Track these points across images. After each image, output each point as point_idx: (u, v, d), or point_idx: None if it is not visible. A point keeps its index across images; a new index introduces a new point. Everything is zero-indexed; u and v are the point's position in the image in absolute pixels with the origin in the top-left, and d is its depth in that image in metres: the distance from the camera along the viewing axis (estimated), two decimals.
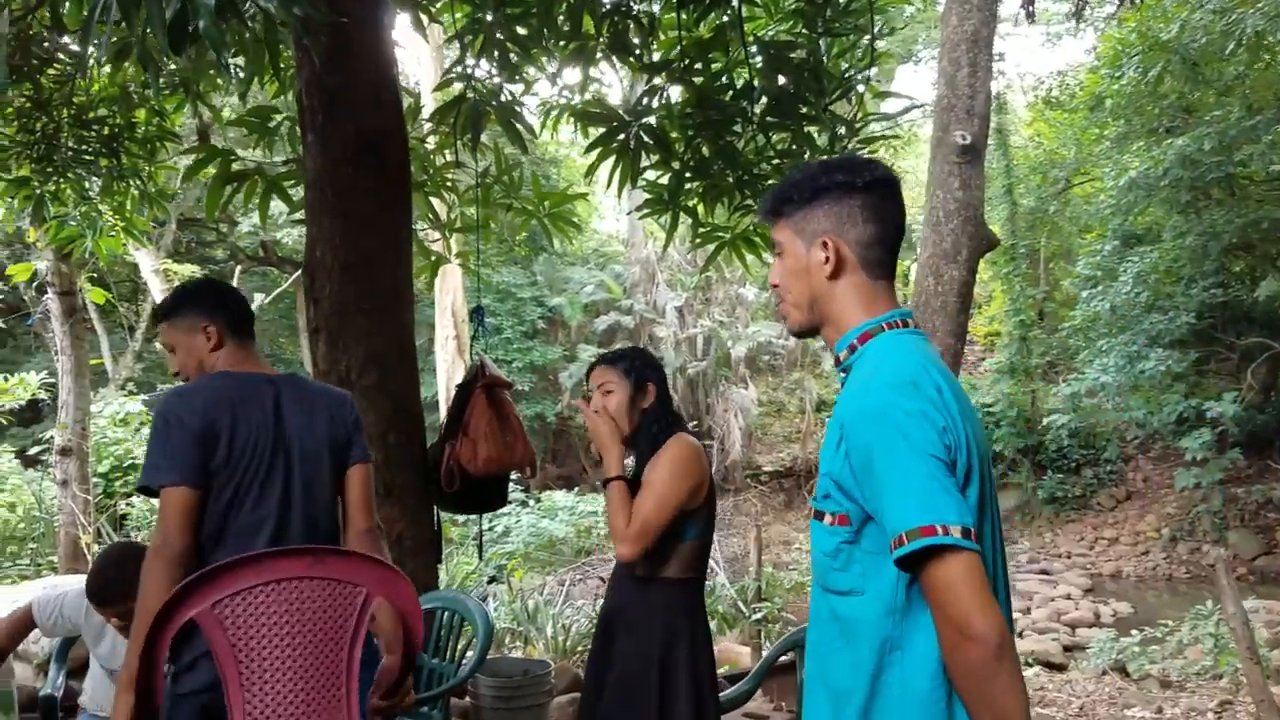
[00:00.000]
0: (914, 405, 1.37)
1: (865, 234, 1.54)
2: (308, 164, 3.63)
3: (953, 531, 1.29)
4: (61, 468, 8.29)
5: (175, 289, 2.42)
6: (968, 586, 1.29)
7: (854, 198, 1.54)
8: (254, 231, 14.12)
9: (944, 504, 1.31)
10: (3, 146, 5.26)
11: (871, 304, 1.55)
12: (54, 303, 8.31)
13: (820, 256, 1.54)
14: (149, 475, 2.13)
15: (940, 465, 1.34)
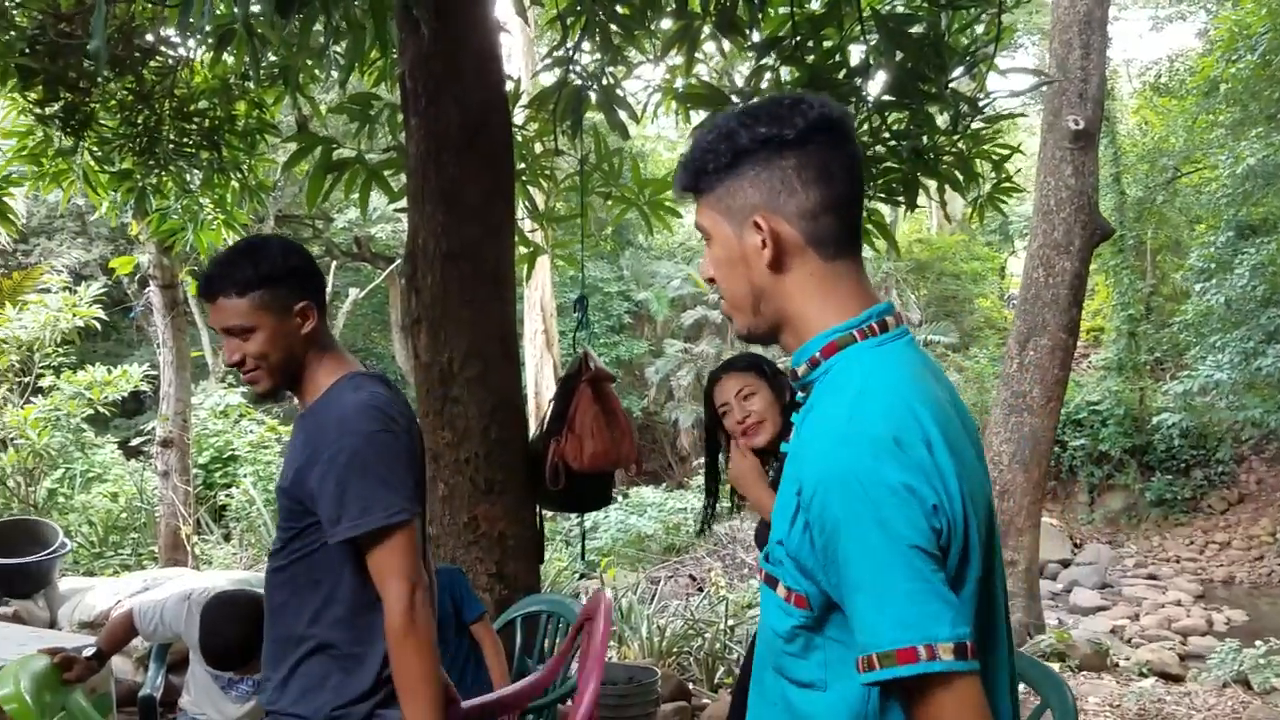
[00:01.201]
0: (897, 477, 1.01)
1: (808, 201, 1.13)
2: (410, 149, 3.53)
3: (942, 654, 0.98)
4: (162, 459, 8.44)
5: (237, 249, 1.86)
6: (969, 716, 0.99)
7: (785, 156, 1.13)
8: (348, 227, 14.30)
9: (931, 615, 0.99)
10: (106, 139, 5.32)
11: (835, 297, 1.15)
12: (156, 296, 8.45)
13: (754, 241, 1.14)
14: (384, 508, 1.69)
15: (927, 561, 1.00)
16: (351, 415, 1.75)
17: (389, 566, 1.71)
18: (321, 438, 1.75)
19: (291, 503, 1.79)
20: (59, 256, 12.61)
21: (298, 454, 1.80)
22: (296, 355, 1.82)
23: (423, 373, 3.44)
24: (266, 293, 1.78)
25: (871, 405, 1.07)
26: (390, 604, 1.71)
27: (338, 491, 1.70)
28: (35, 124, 5.21)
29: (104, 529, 8.55)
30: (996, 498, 8.33)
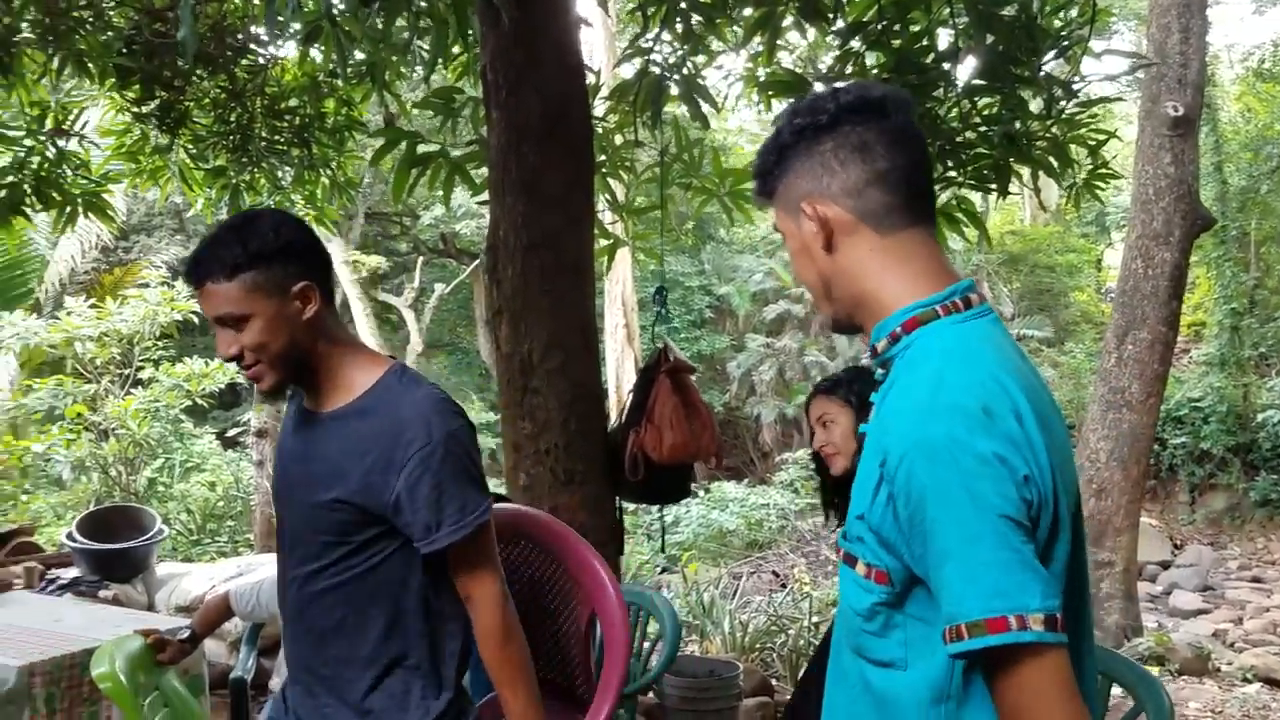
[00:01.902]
0: (986, 446, 1.00)
1: (849, 179, 1.15)
2: (491, 141, 3.55)
3: (1032, 624, 0.96)
4: (257, 449, 8.68)
5: (224, 226, 1.66)
6: (1055, 694, 0.97)
7: (822, 141, 1.16)
8: (434, 224, 14.53)
9: (1021, 585, 0.97)
10: (200, 137, 5.47)
11: (905, 273, 1.15)
12: None
13: (810, 228, 1.17)
14: (477, 505, 1.64)
15: (1018, 532, 0.98)
16: (432, 413, 1.61)
17: (482, 565, 1.65)
18: (398, 439, 1.59)
19: (353, 514, 1.62)
20: (158, 253, 13.07)
21: (357, 459, 1.61)
22: (300, 344, 1.63)
23: (504, 364, 3.45)
24: (259, 273, 1.58)
25: (957, 377, 1.06)
26: (486, 602, 1.64)
27: (434, 495, 1.58)
28: (132, 122, 5.38)
29: (202, 517, 8.84)
30: (1093, 496, 8.08)
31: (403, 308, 12.47)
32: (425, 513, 1.58)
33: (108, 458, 8.59)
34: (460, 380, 15.70)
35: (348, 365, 1.67)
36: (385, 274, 14.41)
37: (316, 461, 1.67)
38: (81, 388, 8.78)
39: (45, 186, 5.12)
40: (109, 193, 5.70)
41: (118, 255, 13.05)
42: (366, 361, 1.68)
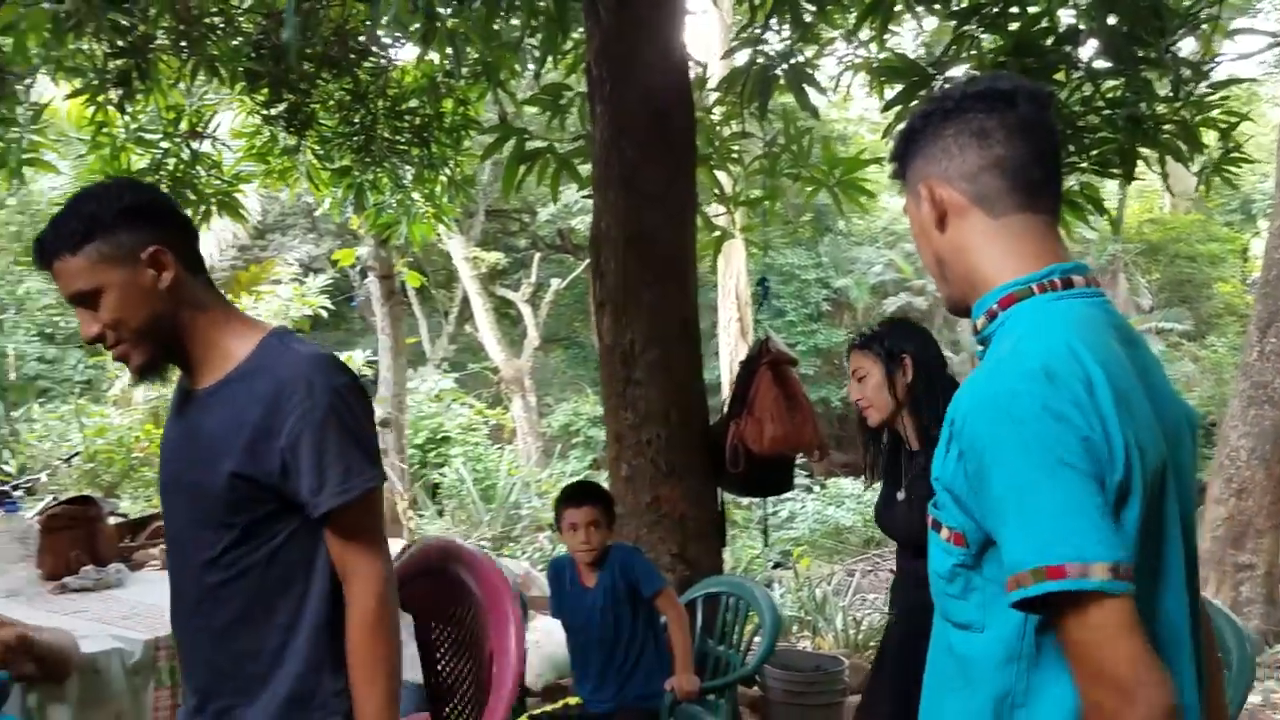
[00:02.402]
0: (1047, 401, 1.01)
1: (965, 163, 1.19)
2: (595, 135, 3.59)
3: (1095, 572, 0.95)
4: (381, 438, 8.99)
5: (67, 202, 1.52)
6: (1122, 641, 0.96)
7: (946, 126, 1.21)
8: (552, 220, 14.75)
9: (1084, 532, 0.96)
10: (326, 138, 5.68)
11: (1012, 254, 1.18)
12: (374, 285, 9.02)
13: (925, 209, 1.22)
14: (363, 470, 1.50)
15: (1082, 481, 0.98)
16: (311, 368, 1.47)
17: (364, 539, 1.49)
18: (279, 401, 1.45)
19: (245, 489, 1.47)
20: (291, 251, 13.65)
21: (240, 430, 1.47)
22: (163, 315, 1.49)
23: (606, 355, 3.49)
24: (102, 243, 1.45)
25: (1030, 344, 1.08)
26: (363, 581, 1.48)
27: (315, 456, 1.43)
28: (261, 124, 5.62)
29: None
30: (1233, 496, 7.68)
31: (520, 303, 12.71)
32: (309, 476, 1.45)
33: None
34: (576, 374, 15.90)
35: (222, 334, 1.53)
36: (504, 270, 14.70)
37: (201, 441, 1.52)
38: None
39: (181, 187, 5.41)
40: (240, 192, 5.99)
41: (254, 253, 13.69)
42: (243, 328, 1.54)
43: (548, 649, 4.00)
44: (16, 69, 4.49)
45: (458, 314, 14.73)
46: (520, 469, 10.06)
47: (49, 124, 5.76)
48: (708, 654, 3.17)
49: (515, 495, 8.93)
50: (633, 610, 2.92)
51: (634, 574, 2.92)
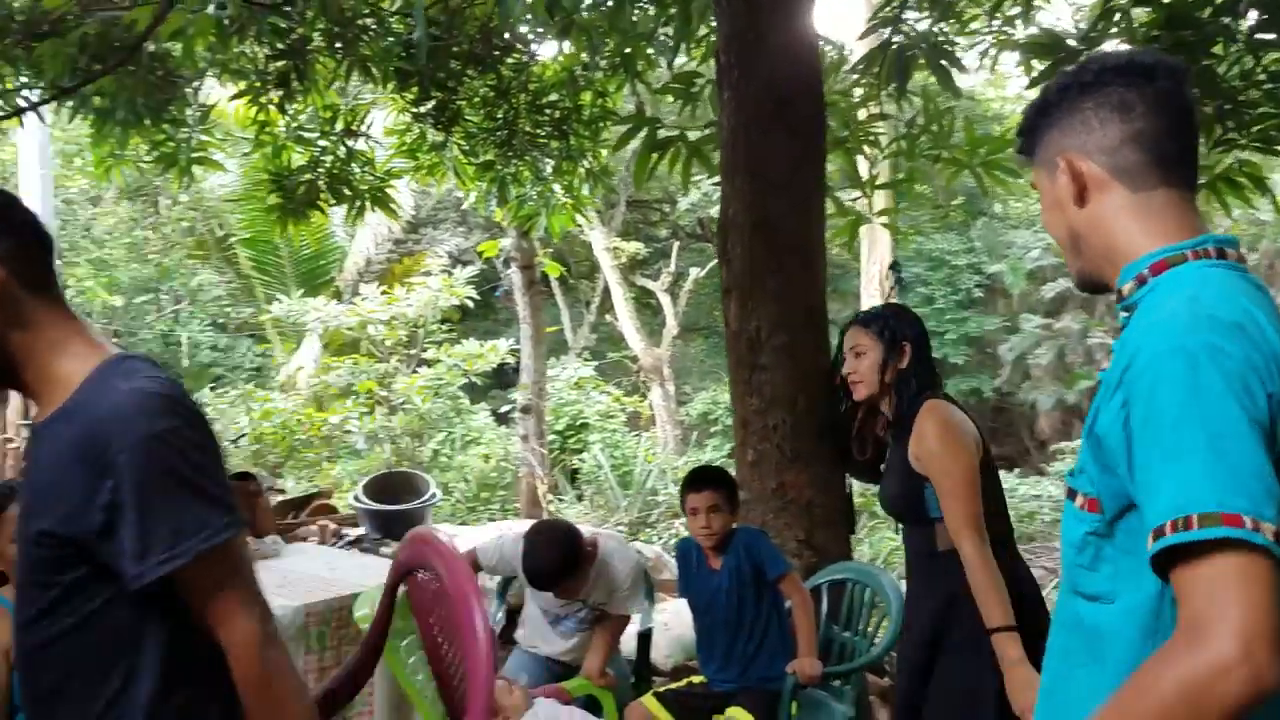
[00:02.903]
0: (1240, 352, 0.99)
1: (1106, 137, 1.18)
2: (723, 122, 3.60)
3: (1265, 530, 0.91)
4: (523, 424, 9.26)
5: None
6: (1267, 597, 0.90)
7: (1084, 100, 1.21)
8: (692, 209, 14.78)
9: (1267, 492, 0.93)
10: (471, 134, 5.86)
11: (1154, 227, 1.16)
12: (516, 276, 9.26)
13: (1063, 182, 1.22)
14: (201, 525, 1.27)
15: (1263, 439, 0.96)
16: (134, 410, 1.25)
17: (226, 600, 1.28)
18: (92, 448, 1.24)
19: (57, 548, 1.27)
20: (441, 244, 14.15)
21: (54, 476, 1.28)
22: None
23: (732, 341, 3.51)
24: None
25: (1213, 297, 1.07)
26: (235, 646, 1.28)
27: (137, 517, 1.22)
28: (411, 122, 5.85)
29: (477, 486, 9.55)
30: None
31: (660, 292, 12.80)
32: (131, 540, 1.23)
33: (396, 430, 9.46)
34: (715, 362, 15.90)
35: (57, 358, 1.33)
36: (644, 259, 14.82)
37: (31, 486, 1.35)
38: (374, 366, 9.71)
39: (337, 183, 5.68)
40: (392, 187, 6.25)
41: (407, 246, 14.25)
42: (83, 350, 1.34)
43: (676, 631, 4.05)
44: (185, 72, 4.82)
45: (599, 304, 14.94)
46: (657, 456, 10.17)
47: (216, 124, 6.15)
48: (833, 640, 3.16)
49: (652, 481, 9.04)
50: (757, 593, 2.94)
51: (759, 557, 2.94)
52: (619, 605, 3.09)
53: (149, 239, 13.25)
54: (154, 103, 4.90)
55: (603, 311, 14.77)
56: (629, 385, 13.26)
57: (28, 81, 4.56)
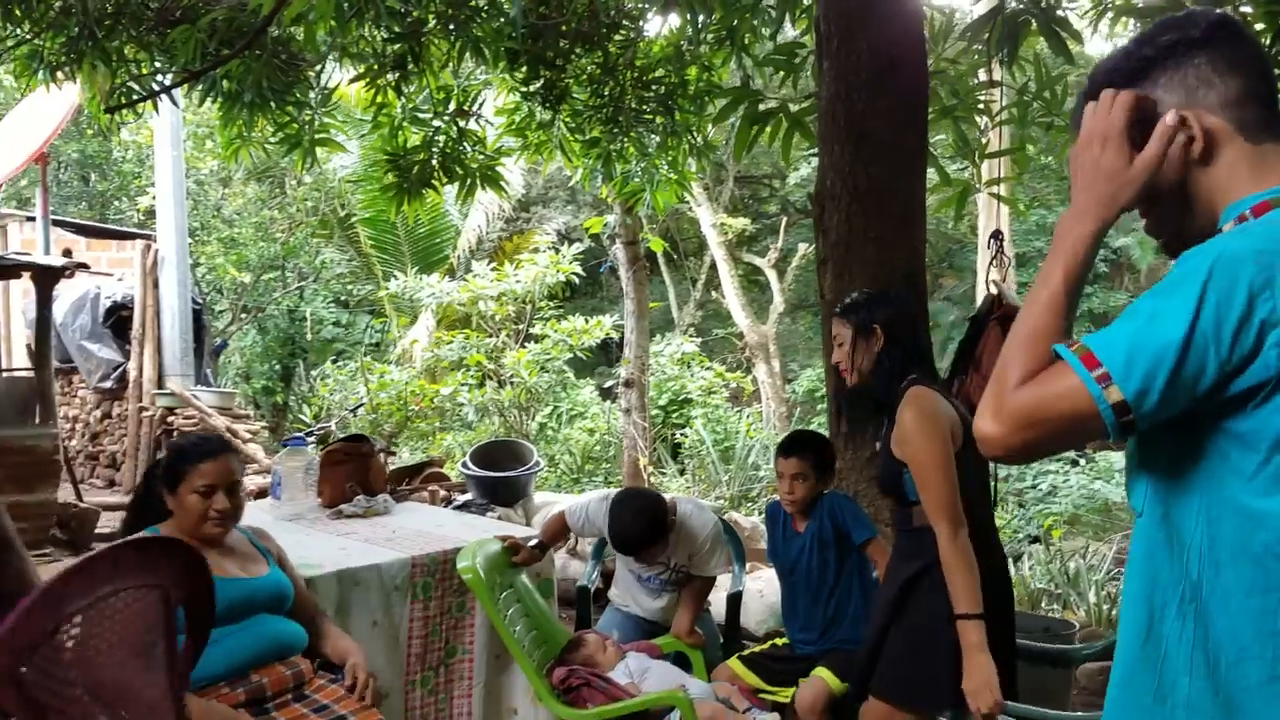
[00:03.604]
0: (1246, 272, 1.02)
1: (1229, 91, 1.18)
2: (822, 92, 3.59)
3: (1111, 392, 1.05)
4: (625, 398, 9.38)
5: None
6: (1053, 411, 1.08)
7: (1195, 55, 1.19)
8: (802, 184, 14.65)
9: (1140, 369, 1.05)
10: (578, 111, 5.95)
11: (1266, 175, 1.16)
12: (620, 252, 9.35)
13: (1180, 140, 1.18)
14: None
15: (1192, 343, 1.03)
16: None
17: None
18: None
19: None
20: (550, 221, 14.38)
21: None
22: None
23: (826, 311, 3.50)
24: None
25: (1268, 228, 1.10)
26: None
27: None
28: (520, 101, 5.96)
29: (581, 458, 9.74)
30: None
31: (766, 268, 12.74)
32: None
33: (505, 403, 9.70)
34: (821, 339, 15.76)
35: None
36: (753, 236, 14.77)
37: None
38: (483, 341, 9.96)
39: (449, 162, 5.84)
40: (502, 165, 6.39)
41: (517, 224, 14.54)
42: None
43: (771, 598, 4.09)
44: (307, 56, 5.03)
45: (705, 281, 14.96)
46: (761, 431, 10.17)
47: (337, 106, 6.38)
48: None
49: (754, 456, 9.05)
50: (839, 557, 2.96)
51: (844, 522, 2.97)
52: (700, 566, 3.16)
53: (275, 218, 13.84)
54: (278, 86, 5.11)
55: (709, 289, 14.79)
56: (733, 362, 13.26)
57: (161, 67, 4.83)
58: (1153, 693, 1.10)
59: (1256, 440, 1.03)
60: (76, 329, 10.50)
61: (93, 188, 15.86)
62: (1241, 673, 1.03)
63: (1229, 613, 1.05)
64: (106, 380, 10.45)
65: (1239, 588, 1.04)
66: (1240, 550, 1.04)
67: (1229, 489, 1.05)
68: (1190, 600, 1.08)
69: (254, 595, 2.44)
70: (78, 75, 4.59)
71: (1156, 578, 1.12)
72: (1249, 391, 1.03)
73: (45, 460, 7.77)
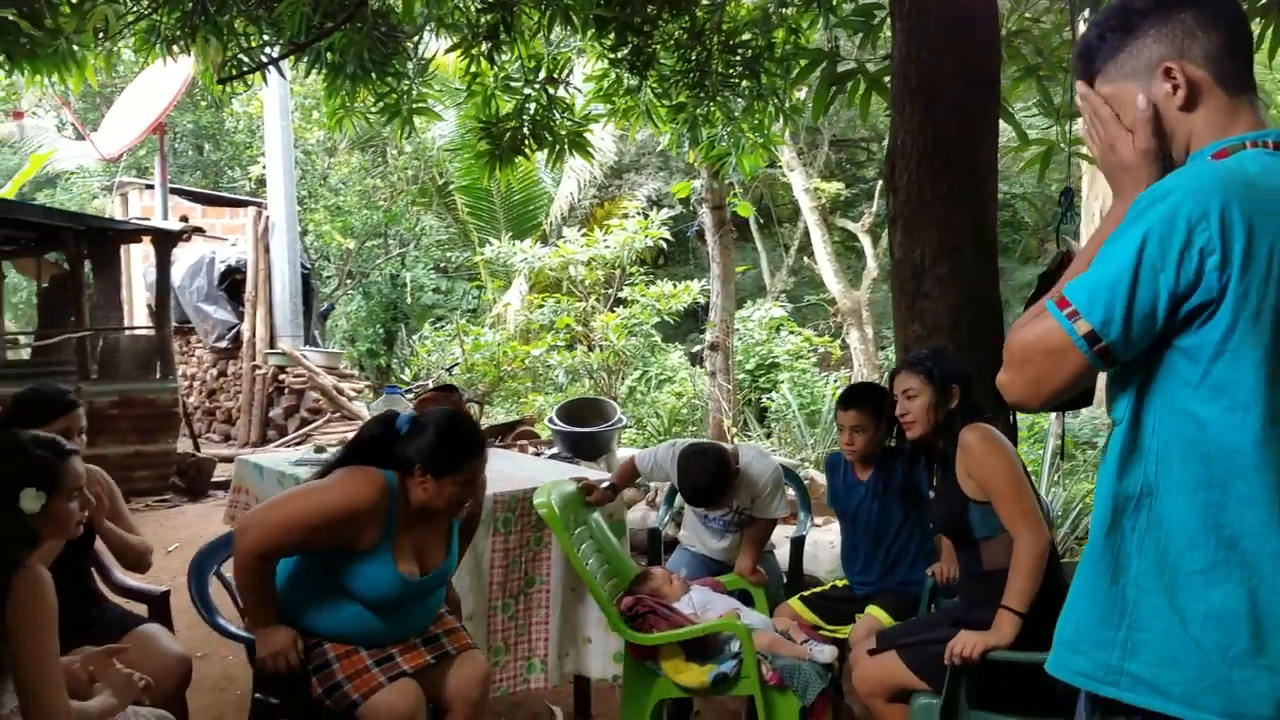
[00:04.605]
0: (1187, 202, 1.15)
1: (1213, 45, 1.28)
2: (894, 52, 3.64)
3: (1080, 325, 1.20)
4: (710, 361, 9.49)
5: None
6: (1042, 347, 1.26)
7: (1182, 10, 1.29)
8: None
9: (1101, 302, 1.19)
10: (665, 76, 6.05)
11: (1237, 126, 1.28)
12: (706, 216, 9.44)
13: (1165, 88, 1.29)
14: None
15: (1148, 270, 1.16)
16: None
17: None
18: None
19: None
20: (641, 188, 14.51)
21: None
22: None
23: (896, 270, 3.58)
24: None
25: (1225, 166, 1.22)
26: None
27: None
28: (608, 67, 6.09)
29: (668, 421, 9.92)
30: None
31: (860, 233, 12.64)
32: None
33: (593, 366, 9.93)
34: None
35: None
36: (848, 201, 14.65)
37: None
38: (574, 305, 10.18)
39: (539, 129, 6.02)
40: (590, 132, 6.54)
41: (610, 191, 14.71)
42: None
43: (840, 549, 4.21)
44: (405, 28, 5.25)
45: (798, 247, 14.90)
46: None
47: (434, 76, 6.59)
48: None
49: None
50: (903, 508, 3.08)
51: (914, 476, 3.08)
52: (762, 509, 3.32)
53: (378, 187, 14.30)
54: (378, 57, 5.34)
55: (802, 254, 14.74)
56: (825, 328, 13.23)
57: (268, 40, 5.11)
58: (1109, 574, 1.25)
59: (1199, 354, 1.17)
60: (193, 291, 11.09)
61: (207, 157, 16.61)
62: (1187, 559, 1.19)
63: (1179, 506, 1.19)
64: (222, 340, 11.04)
65: (1188, 485, 1.19)
66: (1190, 452, 1.19)
67: (1179, 398, 1.20)
68: (1147, 495, 1.22)
69: (416, 590, 2.53)
70: (192, 49, 4.88)
71: (1121, 477, 1.25)
72: (1195, 310, 1.16)
73: (165, 412, 8.32)
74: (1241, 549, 1.16)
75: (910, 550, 3.08)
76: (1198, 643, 1.17)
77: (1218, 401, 1.17)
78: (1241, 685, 1.15)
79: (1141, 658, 1.20)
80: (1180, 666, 1.18)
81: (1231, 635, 1.16)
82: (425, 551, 2.54)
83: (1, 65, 4.60)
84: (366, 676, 2.41)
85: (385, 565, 2.41)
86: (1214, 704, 1.16)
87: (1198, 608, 1.18)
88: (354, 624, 2.45)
